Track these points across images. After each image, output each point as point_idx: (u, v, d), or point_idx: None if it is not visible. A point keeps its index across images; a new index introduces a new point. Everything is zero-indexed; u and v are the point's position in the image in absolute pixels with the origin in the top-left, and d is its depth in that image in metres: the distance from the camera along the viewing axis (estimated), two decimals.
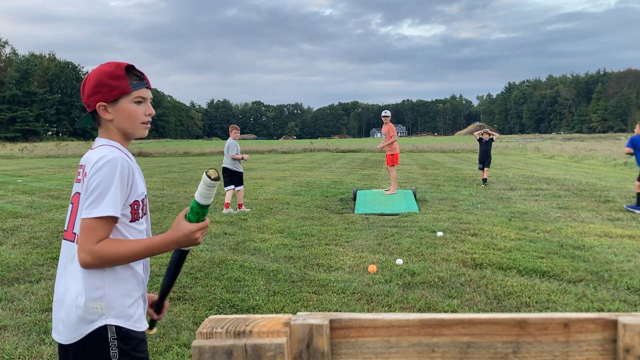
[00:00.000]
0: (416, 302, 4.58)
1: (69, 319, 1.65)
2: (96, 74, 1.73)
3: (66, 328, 1.66)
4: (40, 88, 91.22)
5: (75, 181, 1.77)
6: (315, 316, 0.82)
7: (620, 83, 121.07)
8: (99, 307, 1.65)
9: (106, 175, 1.61)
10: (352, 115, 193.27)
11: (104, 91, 1.71)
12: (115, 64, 1.74)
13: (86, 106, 1.75)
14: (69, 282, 1.67)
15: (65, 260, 1.72)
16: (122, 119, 1.75)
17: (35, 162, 29.87)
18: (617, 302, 4.54)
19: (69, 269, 1.69)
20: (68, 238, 1.73)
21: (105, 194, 1.60)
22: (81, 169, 1.74)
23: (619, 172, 18.64)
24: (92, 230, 1.59)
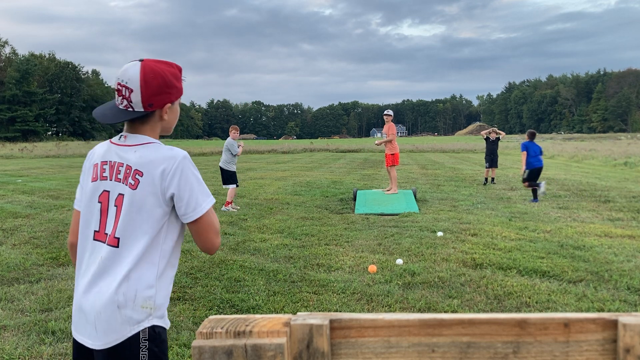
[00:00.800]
0: (416, 302, 4.58)
1: (111, 321, 1.60)
2: (162, 73, 1.66)
3: (104, 331, 1.61)
4: (40, 88, 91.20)
5: (101, 178, 1.70)
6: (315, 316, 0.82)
7: (620, 83, 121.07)
8: (149, 307, 1.63)
9: (192, 174, 1.66)
10: (352, 115, 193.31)
11: (173, 92, 1.70)
12: (175, 65, 1.73)
13: (146, 105, 1.65)
14: (112, 285, 1.61)
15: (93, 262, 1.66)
16: (172, 120, 1.76)
17: (35, 162, 29.87)
18: (617, 302, 4.54)
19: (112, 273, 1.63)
20: (99, 239, 1.67)
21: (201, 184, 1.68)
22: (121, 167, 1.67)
23: (619, 172, 18.64)
24: (213, 218, 1.70)
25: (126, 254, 1.62)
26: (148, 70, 1.64)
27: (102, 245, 1.66)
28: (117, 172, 1.67)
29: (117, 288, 1.60)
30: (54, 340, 3.84)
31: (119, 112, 1.67)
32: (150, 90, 1.63)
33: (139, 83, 1.62)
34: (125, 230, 1.63)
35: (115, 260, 1.63)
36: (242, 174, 18.86)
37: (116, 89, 1.67)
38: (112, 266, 1.63)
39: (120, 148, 1.70)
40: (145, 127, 1.70)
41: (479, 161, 26.10)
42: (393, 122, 11.56)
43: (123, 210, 1.63)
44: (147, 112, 1.66)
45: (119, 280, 1.61)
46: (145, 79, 1.63)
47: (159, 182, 1.61)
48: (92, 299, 1.64)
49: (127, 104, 1.65)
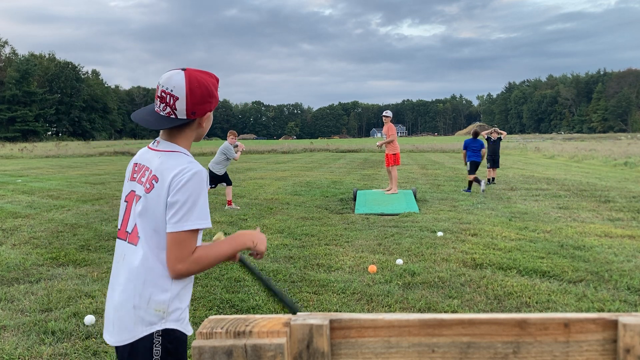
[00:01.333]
0: (416, 302, 4.58)
1: (125, 319, 1.66)
2: (205, 83, 1.71)
3: (120, 329, 1.67)
4: (40, 88, 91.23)
5: (131, 179, 1.79)
6: (315, 316, 0.82)
7: (620, 83, 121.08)
8: (161, 310, 1.66)
9: (194, 190, 1.64)
10: (352, 115, 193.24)
11: (213, 102, 1.75)
12: (214, 75, 1.78)
13: (189, 113, 1.69)
14: (130, 285, 1.67)
15: (129, 265, 1.70)
16: (207, 127, 1.82)
17: (35, 162, 29.87)
18: (618, 302, 4.54)
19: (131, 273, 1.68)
20: (121, 237, 1.76)
21: (195, 206, 1.63)
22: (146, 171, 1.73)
23: (619, 172, 18.64)
24: (185, 242, 1.62)
25: (145, 256, 1.67)
26: (193, 79, 1.69)
27: (124, 242, 1.74)
28: (142, 174, 1.75)
29: (134, 289, 1.66)
30: (54, 340, 3.84)
31: (161, 119, 1.71)
32: (195, 99, 1.68)
33: (185, 92, 1.67)
34: (143, 234, 1.68)
35: (135, 260, 1.68)
36: (242, 174, 18.86)
37: (159, 95, 1.70)
38: (133, 266, 1.68)
39: (151, 152, 1.78)
40: (181, 134, 1.76)
41: None
42: (392, 123, 11.57)
43: (139, 212, 1.70)
44: (188, 120, 1.71)
45: (137, 282, 1.66)
46: (191, 88, 1.67)
47: (166, 191, 1.65)
48: (113, 296, 1.73)
49: (170, 111, 1.69)
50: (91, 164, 26.58)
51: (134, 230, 1.70)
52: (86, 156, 36.72)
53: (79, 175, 18.88)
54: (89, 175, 18.83)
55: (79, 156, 36.85)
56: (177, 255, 1.62)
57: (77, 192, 13.31)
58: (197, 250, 1.65)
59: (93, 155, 37.58)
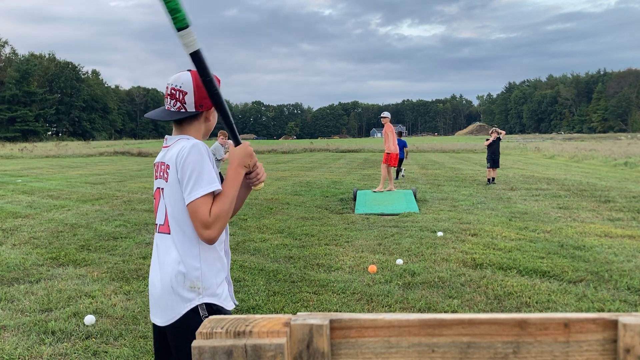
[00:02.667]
0: (416, 302, 4.58)
1: (168, 301, 1.84)
2: None
3: (164, 310, 1.85)
4: (40, 88, 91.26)
5: (155, 178, 1.97)
6: (315, 316, 0.82)
7: (620, 83, 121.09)
8: (197, 287, 1.83)
9: (195, 162, 1.78)
10: (352, 115, 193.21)
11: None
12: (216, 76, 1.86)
13: (197, 105, 1.88)
14: (166, 268, 1.85)
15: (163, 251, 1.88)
16: (214, 122, 1.98)
17: (35, 162, 29.87)
18: (618, 302, 4.54)
19: (165, 258, 1.86)
20: (156, 230, 1.94)
21: (201, 176, 1.78)
22: (161, 165, 1.92)
23: (619, 172, 18.64)
24: (202, 208, 1.76)
25: (174, 240, 1.85)
26: (198, 77, 1.83)
27: (158, 234, 1.93)
28: (160, 170, 1.93)
29: (170, 272, 1.84)
30: (54, 340, 3.84)
31: (172, 113, 1.91)
32: (202, 92, 1.85)
33: (193, 86, 1.87)
34: (172, 219, 1.86)
35: (167, 246, 1.87)
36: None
37: (169, 93, 1.90)
38: (166, 252, 1.87)
39: (163, 150, 1.97)
40: (191, 127, 1.93)
41: (479, 161, 26.11)
42: (391, 123, 11.64)
43: (165, 202, 1.88)
44: (197, 112, 1.89)
45: (171, 265, 1.84)
46: (197, 84, 1.86)
47: (177, 173, 1.82)
48: (154, 283, 1.91)
49: (180, 106, 1.88)
50: (91, 164, 26.59)
51: (165, 220, 1.88)
52: (86, 156, 36.73)
53: (79, 175, 18.88)
54: (89, 175, 18.84)
55: (79, 156, 36.86)
56: (200, 222, 1.76)
57: (77, 192, 13.31)
58: (212, 209, 1.78)
59: (93, 155, 37.59)
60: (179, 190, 1.83)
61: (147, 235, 7.57)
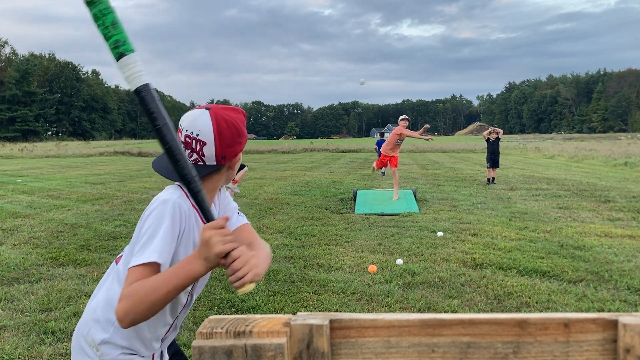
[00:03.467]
0: (416, 302, 4.58)
1: (74, 343, 1.57)
2: (234, 122, 1.49)
3: (76, 349, 1.56)
4: (40, 88, 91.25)
5: None
6: (315, 316, 0.82)
7: (620, 83, 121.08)
8: (97, 350, 1.50)
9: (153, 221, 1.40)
10: (352, 115, 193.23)
11: (243, 141, 1.53)
12: (241, 110, 1.57)
13: (219, 158, 1.48)
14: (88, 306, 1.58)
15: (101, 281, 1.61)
16: (236, 169, 1.60)
17: (35, 162, 29.87)
18: (618, 302, 4.54)
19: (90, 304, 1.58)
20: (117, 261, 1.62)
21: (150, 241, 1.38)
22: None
23: (619, 172, 18.64)
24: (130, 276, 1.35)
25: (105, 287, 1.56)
26: (221, 119, 1.47)
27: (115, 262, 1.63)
28: None
29: (83, 321, 1.55)
30: (54, 340, 3.84)
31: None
32: (224, 142, 1.47)
33: (213, 135, 1.45)
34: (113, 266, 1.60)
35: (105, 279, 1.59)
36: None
37: (182, 141, 1.47)
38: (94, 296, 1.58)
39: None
40: (208, 180, 1.52)
41: (479, 161, 26.11)
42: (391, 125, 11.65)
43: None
44: (218, 165, 1.49)
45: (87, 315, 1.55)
46: (219, 131, 1.46)
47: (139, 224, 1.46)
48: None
49: (197, 158, 1.47)
50: (91, 164, 26.59)
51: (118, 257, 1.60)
52: (86, 156, 36.73)
53: (79, 175, 18.88)
54: (89, 175, 18.84)
55: (79, 156, 36.85)
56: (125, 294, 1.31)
57: (77, 192, 13.31)
58: (134, 283, 1.31)
59: (93, 155, 37.59)
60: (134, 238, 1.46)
61: None
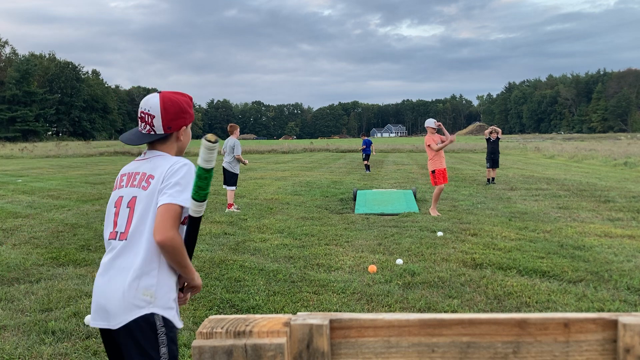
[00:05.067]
0: (416, 302, 4.58)
1: (121, 305, 1.85)
2: (178, 101, 1.99)
3: (113, 314, 1.87)
4: (40, 88, 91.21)
5: (119, 187, 2.02)
6: (315, 316, 0.82)
7: (620, 83, 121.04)
8: (150, 295, 1.87)
9: (187, 175, 1.90)
10: (352, 115, 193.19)
11: (187, 117, 2.03)
12: (187, 95, 2.05)
13: (165, 128, 1.98)
14: (119, 274, 1.88)
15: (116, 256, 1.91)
16: (186, 141, 2.10)
17: (35, 162, 29.87)
18: (617, 302, 4.54)
19: (119, 263, 1.90)
20: (111, 238, 1.95)
21: (187, 188, 1.87)
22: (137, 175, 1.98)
23: (619, 172, 18.64)
24: (175, 214, 1.84)
25: (133, 247, 1.89)
26: (167, 99, 1.97)
27: (114, 241, 1.94)
28: (133, 179, 1.99)
29: (128, 278, 1.86)
30: (54, 340, 3.84)
31: (142, 136, 2.01)
32: (169, 115, 1.96)
33: (160, 110, 1.95)
34: (136, 227, 1.90)
35: (124, 253, 1.90)
36: (242, 174, 18.85)
37: (139, 116, 2.00)
38: (122, 258, 1.90)
39: (139, 162, 2.04)
40: (163, 147, 2.03)
41: (479, 161, 26.10)
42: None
43: (135, 210, 1.92)
44: (166, 134, 1.99)
45: (129, 271, 1.87)
46: (164, 107, 1.96)
47: (160, 182, 1.90)
48: (107, 287, 1.91)
49: (149, 129, 1.98)
50: (91, 164, 26.59)
51: (127, 228, 1.92)
52: (86, 156, 36.72)
53: (79, 175, 18.88)
54: (89, 175, 18.84)
55: (79, 156, 36.85)
56: (167, 223, 1.81)
57: (77, 192, 13.31)
58: (179, 236, 1.86)
59: (93, 155, 37.59)
60: (154, 197, 1.89)
61: None
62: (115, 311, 1.86)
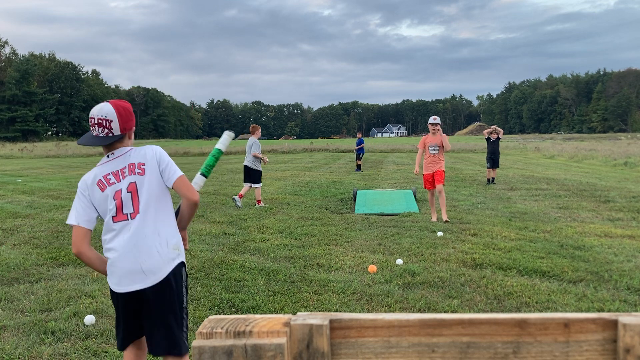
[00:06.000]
0: (416, 302, 4.58)
1: (158, 265, 2.37)
2: (126, 107, 2.48)
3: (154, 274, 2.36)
4: (40, 88, 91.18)
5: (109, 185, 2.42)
6: (315, 316, 0.82)
7: (620, 83, 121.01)
8: (178, 249, 2.46)
9: (166, 154, 2.52)
10: (352, 115, 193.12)
11: (134, 119, 2.52)
12: (128, 102, 2.57)
13: (122, 129, 2.42)
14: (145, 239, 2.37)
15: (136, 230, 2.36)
16: (132, 139, 2.58)
17: (35, 162, 29.87)
18: (617, 302, 4.54)
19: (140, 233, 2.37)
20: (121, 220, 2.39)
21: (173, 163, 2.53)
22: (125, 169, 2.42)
23: (619, 172, 18.64)
24: (188, 181, 2.51)
25: (151, 217, 2.39)
26: (119, 106, 2.43)
27: (126, 222, 2.38)
28: (122, 173, 2.41)
29: (153, 241, 2.37)
30: (54, 340, 3.84)
31: (103, 138, 2.41)
32: (123, 119, 2.42)
33: (116, 115, 2.40)
34: (147, 202, 2.39)
35: (142, 224, 2.37)
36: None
37: (96, 123, 2.38)
38: (142, 228, 2.37)
39: (115, 161, 2.45)
40: (121, 145, 2.49)
41: (479, 161, 26.11)
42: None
43: (140, 191, 2.39)
44: (122, 134, 2.43)
45: (158, 236, 2.38)
46: (119, 112, 2.41)
47: (157, 164, 2.44)
48: (135, 256, 2.35)
49: (107, 132, 2.39)
50: (91, 164, 26.57)
51: (136, 209, 2.38)
52: (86, 156, 36.71)
53: (79, 175, 18.87)
54: None
55: (79, 156, 36.84)
56: (189, 188, 2.48)
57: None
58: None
59: (93, 155, 37.57)
60: (158, 177, 2.43)
61: None
62: (154, 269, 2.34)
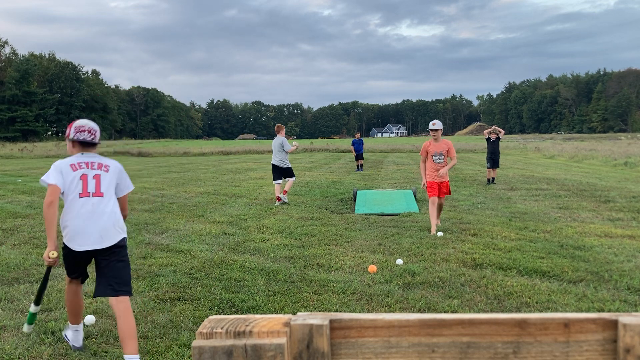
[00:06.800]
0: (416, 302, 4.58)
1: (114, 232, 3.42)
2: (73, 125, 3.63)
3: (111, 238, 3.40)
4: (40, 88, 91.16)
5: (91, 168, 3.46)
6: (315, 316, 0.82)
7: (620, 83, 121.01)
8: (123, 230, 3.54)
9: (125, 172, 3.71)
10: (352, 115, 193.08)
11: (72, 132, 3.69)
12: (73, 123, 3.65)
13: (98, 140, 3.61)
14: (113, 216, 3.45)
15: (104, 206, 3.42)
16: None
17: (35, 162, 29.87)
18: (618, 302, 4.54)
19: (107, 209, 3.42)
20: (84, 196, 3.40)
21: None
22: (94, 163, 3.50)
23: (619, 172, 18.64)
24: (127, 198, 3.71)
25: (109, 201, 3.45)
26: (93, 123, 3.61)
27: (90, 198, 3.39)
28: (92, 164, 3.47)
29: (109, 216, 3.42)
30: (54, 340, 3.84)
31: (95, 143, 3.57)
32: (99, 132, 3.56)
33: (98, 129, 3.57)
34: (106, 190, 3.46)
35: (104, 204, 3.42)
36: (242, 174, 18.85)
37: (87, 130, 3.51)
38: (104, 206, 3.42)
39: (87, 156, 3.51)
40: (94, 150, 3.61)
41: (479, 161, 26.11)
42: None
43: (102, 181, 3.46)
44: (98, 143, 3.59)
45: (111, 213, 3.44)
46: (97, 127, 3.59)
47: (117, 173, 3.57)
48: (95, 224, 3.36)
49: (93, 137, 3.53)
50: None
51: (97, 190, 3.41)
52: None
53: None
54: None
55: None
56: (126, 206, 3.68)
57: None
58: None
59: None
60: (115, 179, 3.51)
61: (147, 235, 7.57)
62: (108, 236, 3.38)
